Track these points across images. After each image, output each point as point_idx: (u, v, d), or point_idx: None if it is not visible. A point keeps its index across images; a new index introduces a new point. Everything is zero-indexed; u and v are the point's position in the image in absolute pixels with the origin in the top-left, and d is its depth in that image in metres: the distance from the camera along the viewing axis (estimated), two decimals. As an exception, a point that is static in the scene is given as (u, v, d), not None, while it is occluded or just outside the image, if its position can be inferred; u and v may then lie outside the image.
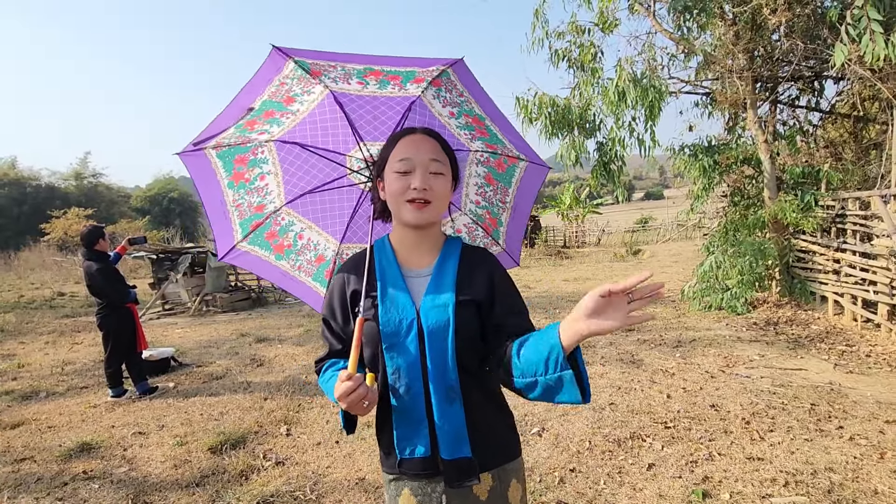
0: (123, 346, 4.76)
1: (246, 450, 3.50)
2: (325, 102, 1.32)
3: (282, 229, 1.55)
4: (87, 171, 35.92)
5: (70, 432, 3.99)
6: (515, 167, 1.45)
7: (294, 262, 1.58)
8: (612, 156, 7.41)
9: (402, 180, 1.13)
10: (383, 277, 1.17)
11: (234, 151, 1.44)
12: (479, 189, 1.53)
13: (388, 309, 1.13)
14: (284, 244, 1.56)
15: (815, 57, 6.89)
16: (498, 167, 1.47)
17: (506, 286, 1.20)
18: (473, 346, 1.14)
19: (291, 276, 1.59)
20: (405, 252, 1.22)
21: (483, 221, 1.58)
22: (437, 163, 1.15)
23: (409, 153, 1.13)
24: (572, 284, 10.96)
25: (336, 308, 1.23)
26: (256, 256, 1.56)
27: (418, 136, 1.17)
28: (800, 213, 6.39)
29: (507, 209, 1.55)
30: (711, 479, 2.75)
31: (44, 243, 24.47)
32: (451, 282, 1.15)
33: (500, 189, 1.50)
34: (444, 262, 1.19)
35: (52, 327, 8.79)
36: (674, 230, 22.78)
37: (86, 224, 5.65)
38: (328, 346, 1.25)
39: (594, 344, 5.72)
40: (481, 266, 1.20)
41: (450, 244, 1.23)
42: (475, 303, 1.14)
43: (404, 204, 1.13)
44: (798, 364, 4.63)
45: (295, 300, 11.04)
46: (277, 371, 5.43)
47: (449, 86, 1.16)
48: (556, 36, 8.01)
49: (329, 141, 1.42)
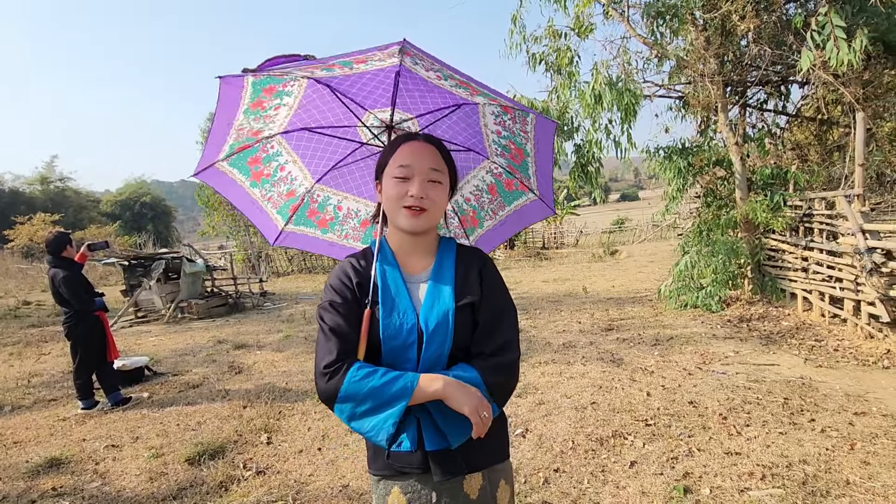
0: (93, 355, 4.59)
1: (225, 460, 3.42)
2: (309, 91, 1.33)
3: (320, 205, 1.66)
4: (53, 176, 34.75)
5: (38, 447, 3.83)
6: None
7: (340, 232, 1.70)
8: (590, 158, 7.53)
9: (400, 186, 1.15)
10: (384, 280, 1.18)
11: (244, 155, 1.50)
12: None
13: (388, 312, 1.14)
14: (327, 218, 1.68)
15: (782, 62, 7.13)
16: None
17: (494, 283, 1.23)
18: (464, 347, 1.17)
19: (341, 245, 1.71)
20: (403, 256, 1.23)
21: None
22: (437, 172, 1.17)
23: (409, 160, 1.15)
24: (552, 285, 11.06)
25: (344, 292, 1.17)
26: (303, 234, 1.69)
27: (419, 143, 1.18)
28: (770, 212, 6.59)
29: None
30: (692, 475, 2.81)
31: (7, 250, 23.52)
32: (450, 287, 1.18)
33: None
34: (441, 266, 1.21)
35: (17, 338, 8.43)
36: (649, 231, 23.24)
37: (51, 230, 5.42)
38: (340, 338, 1.10)
39: (575, 344, 5.79)
40: (475, 264, 1.24)
41: (444, 246, 1.26)
42: (471, 305, 1.17)
43: (401, 210, 1.15)
44: (771, 359, 4.77)
45: (274, 305, 10.86)
46: (256, 378, 5.32)
47: (417, 57, 1.15)
48: (533, 40, 8.11)
49: (331, 119, 1.44)
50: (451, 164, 1.23)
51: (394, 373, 1.07)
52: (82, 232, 24.46)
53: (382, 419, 1.04)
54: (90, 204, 36.93)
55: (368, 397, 1.04)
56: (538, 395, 4.19)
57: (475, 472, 1.16)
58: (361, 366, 1.07)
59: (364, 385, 1.04)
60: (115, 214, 36.44)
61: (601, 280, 11.26)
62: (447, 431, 1.10)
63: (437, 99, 1.38)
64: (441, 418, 1.10)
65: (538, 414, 3.80)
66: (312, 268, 19.22)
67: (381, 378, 1.05)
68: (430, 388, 1.05)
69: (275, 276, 18.02)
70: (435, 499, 1.14)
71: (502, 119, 1.49)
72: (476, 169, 1.60)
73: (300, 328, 7.96)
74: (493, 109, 1.47)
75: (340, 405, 1.06)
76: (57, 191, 34.33)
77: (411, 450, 1.11)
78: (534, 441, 3.37)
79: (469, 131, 1.51)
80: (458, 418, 1.09)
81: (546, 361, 5.15)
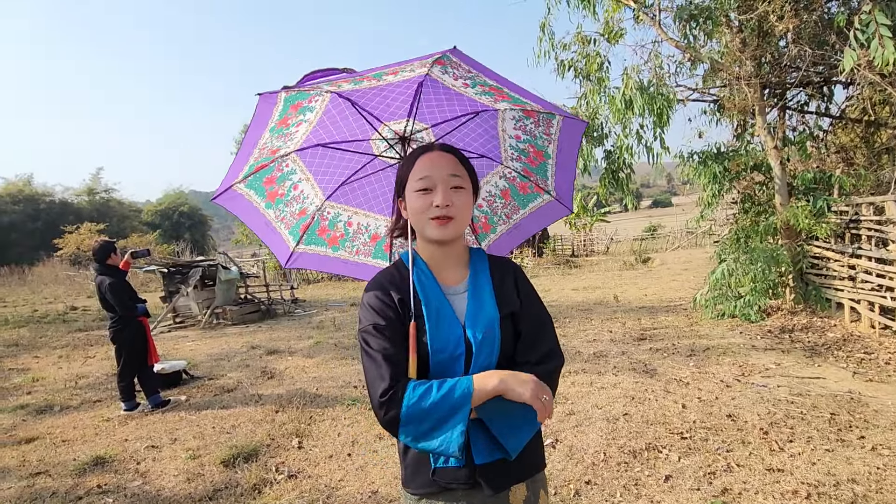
0: (136, 359, 4.79)
1: (258, 463, 3.49)
2: (330, 105, 1.36)
3: (330, 222, 1.66)
4: (99, 187, 36.54)
5: (84, 446, 4.01)
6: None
7: (351, 248, 1.69)
8: (620, 164, 7.40)
9: (423, 198, 1.14)
10: (426, 293, 1.16)
11: (260, 175, 1.52)
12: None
13: (435, 324, 1.12)
14: (337, 235, 1.67)
15: (824, 62, 6.85)
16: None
17: (528, 290, 1.25)
18: (509, 356, 1.17)
19: (353, 262, 1.70)
20: (437, 268, 1.22)
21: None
22: (457, 177, 1.16)
23: (428, 171, 1.14)
24: (582, 293, 10.89)
25: (386, 314, 1.14)
26: (315, 254, 1.68)
27: (436, 152, 1.18)
28: (812, 218, 6.32)
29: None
30: (731, 491, 2.70)
31: (57, 258, 24.84)
32: (491, 297, 1.18)
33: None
34: (477, 276, 1.21)
35: (65, 341, 8.88)
36: (683, 238, 22.61)
37: (98, 239, 5.71)
38: (389, 363, 1.07)
39: (606, 353, 5.67)
40: (509, 275, 1.25)
41: (477, 257, 1.26)
42: (513, 314, 1.18)
43: (428, 222, 1.14)
44: (816, 372, 4.55)
45: (305, 312, 11.07)
46: (288, 383, 5.43)
47: (453, 65, 1.16)
48: (562, 47, 8.07)
49: (346, 133, 1.46)
50: (470, 169, 1.23)
51: (449, 382, 1.04)
52: (125, 240, 25.65)
53: (450, 431, 1.00)
54: (132, 214, 38.62)
55: (430, 414, 1.01)
56: (568, 406, 4.11)
57: (520, 483, 1.16)
58: (416, 385, 1.04)
59: (424, 404, 1.01)
60: (155, 224, 38.02)
61: (633, 288, 11.01)
62: (505, 440, 1.07)
63: (455, 108, 1.38)
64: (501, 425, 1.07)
65: (568, 424, 3.74)
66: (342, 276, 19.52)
67: (438, 392, 1.02)
68: (487, 385, 1.02)
69: (305, 283, 18.40)
70: None
71: (524, 123, 1.48)
72: (489, 174, 1.59)
73: (330, 335, 8.08)
74: (514, 114, 1.47)
75: (405, 429, 1.02)
76: (102, 201, 36.08)
77: (460, 465, 1.08)
78: (564, 452, 3.31)
79: (484, 137, 1.51)
80: (516, 423, 1.08)
81: (576, 371, 5.06)
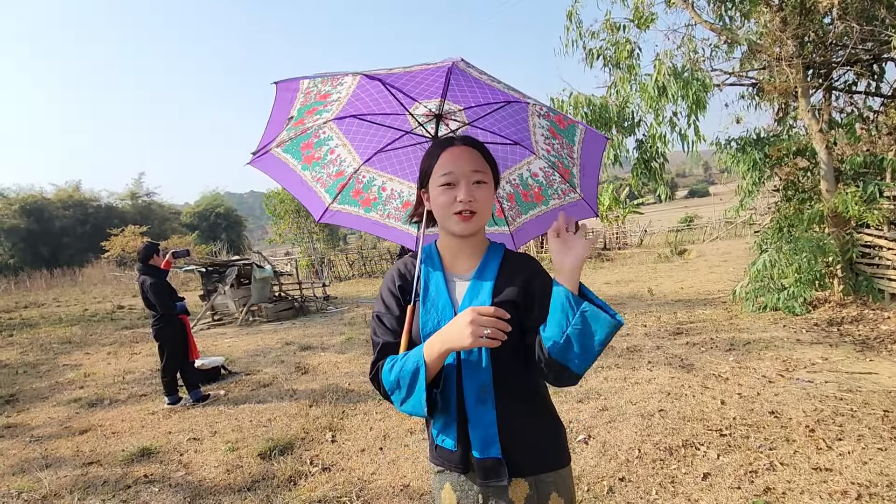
0: (177, 355, 4.99)
1: (293, 456, 3.58)
2: (361, 85, 1.37)
3: (365, 185, 1.72)
4: (141, 191, 38.23)
5: (132, 438, 4.21)
6: (576, 128, 1.42)
7: (382, 212, 1.76)
8: (653, 153, 7.18)
9: (447, 193, 1.17)
10: (427, 280, 1.23)
11: (297, 142, 1.58)
12: (547, 140, 1.51)
13: (428, 310, 1.19)
14: (370, 198, 1.74)
15: (873, 38, 6.44)
16: (559, 123, 1.45)
17: (547, 289, 1.16)
18: (510, 347, 1.13)
19: (383, 224, 1.78)
20: (450, 257, 1.26)
21: (558, 169, 1.60)
22: (480, 173, 1.18)
23: (451, 166, 1.17)
24: (614, 287, 10.66)
25: (390, 303, 1.25)
26: (348, 213, 1.76)
27: (458, 147, 1.20)
28: (863, 205, 5.96)
29: (575, 164, 1.52)
30: (774, 491, 2.59)
31: (104, 259, 26.17)
32: (490, 284, 1.19)
33: (566, 145, 1.48)
34: (486, 266, 1.23)
35: (113, 338, 9.34)
36: (721, 228, 21.78)
37: (141, 241, 5.97)
38: (380, 343, 1.22)
39: (640, 348, 5.53)
40: (522, 272, 1.22)
41: (492, 250, 1.27)
42: (512, 303, 1.15)
43: (451, 216, 1.17)
44: (867, 367, 4.30)
45: (336, 309, 11.28)
46: (321, 378, 5.54)
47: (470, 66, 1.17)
48: (590, 36, 7.85)
49: (384, 107, 1.48)
50: (492, 163, 1.24)
51: (406, 354, 1.13)
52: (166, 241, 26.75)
53: (416, 396, 1.09)
54: (172, 216, 40.25)
55: (400, 384, 1.11)
56: (601, 401, 4.03)
57: (519, 478, 1.16)
58: (391, 359, 1.15)
59: (393, 374, 1.12)
60: (193, 225, 39.51)
61: (668, 281, 10.70)
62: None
63: (487, 94, 1.38)
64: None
65: (601, 420, 3.67)
66: (372, 272, 19.78)
67: (400, 362, 1.12)
68: (433, 350, 1.07)
69: (337, 280, 18.72)
70: (482, 500, 1.17)
71: (551, 142, 1.49)
72: (522, 162, 1.60)
73: (361, 331, 8.20)
74: (543, 132, 1.47)
75: (393, 397, 1.14)
76: (144, 205, 37.74)
77: (453, 449, 1.17)
78: (597, 448, 3.25)
79: (516, 126, 1.50)
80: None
81: (609, 366, 4.96)
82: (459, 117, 1.51)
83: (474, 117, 1.51)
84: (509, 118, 1.48)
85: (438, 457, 1.21)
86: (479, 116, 1.49)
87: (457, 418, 1.15)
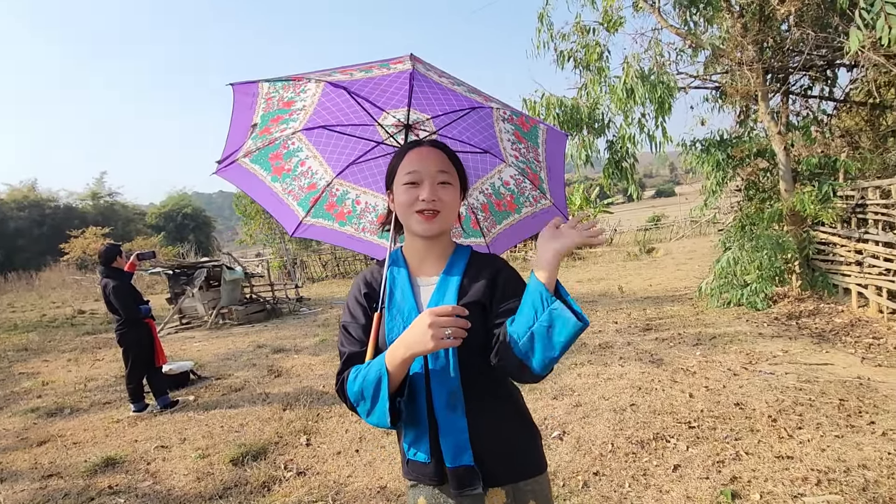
0: (143, 361, 4.81)
1: (267, 461, 3.51)
2: (325, 92, 1.35)
3: (339, 199, 1.69)
4: (103, 191, 36.68)
5: (95, 447, 4.04)
6: (538, 128, 1.42)
7: (357, 226, 1.73)
8: (624, 153, 7.35)
9: (410, 192, 1.15)
10: (392, 285, 1.21)
11: (266, 152, 1.53)
12: (514, 145, 1.50)
13: (393, 316, 1.16)
14: (345, 211, 1.71)
15: (827, 45, 6.77)
16: (522, 125, 1.45)
17: (512, 286, 1.17)
18: (477, 348, 1.12)
19: (358, 238, 1.75)
20: (417, 262, 1.24)
21: (527, 175, 1.58)
22: (445, 174, 1.17)
23: (416, 165, 1.16)
24: (586, 285, 10.86)
25: (356, 312, 1.22)
26: (322, 227, 1.74)
27: (425, 148, 1.19)
28: (818, 204, 6.26)
29: (542, 167, 1.51)
30: (740, 479, 2.69)
31: (63, 263, 25.01)
32: (455, 287, 1.16)
33: (531, 148, 1.47)
34: (451, 269, 1.20)
35: (74, 345, 8.94)
36: (687, 227, 22.48)
37: (103, 242, 5.73)
38: (346, 353, 1.18)
39: (612, 344, 5.65)
40: (486, 270, 1.20)
41: (458, 253, 1.25)
42: (478, 304, 1.14)
43: (413, 215, 1.15)
44: (824, 359, 4.52)
45: (310, 310, 11.11)
46: (295, 381, 5.45)
47: (426, 66, 1.15)
48: (560, 37, 7.99)
49: (352, 117, 1.46)
50: (459, 166, 1.22)
51: (369, 363, 1.08)
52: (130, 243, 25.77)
53: (380, 406, 1.05)
54: (137, 217, 38.76)
55: (364, 394, 1.06)
56: (575, 397, 4.11)
57: (495, 487, 1.14)
58: (355, 369, 1.10)
59: (356, 384, 1.07)
60: (159, 226, 38.13)
61: (637, 279, 10.97)
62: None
63: (451, 101, 1.37)
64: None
65: (575, 416, 3.73)
66: (346, 273, 19.56)
67: (364, 372, 1.07)
68: (395, 357, 1.03)
69: (310, 281, 18.44)
70: None
71: (518, 147, 1.49)
72: (493, 171, 1.58)
73: (335, 332, 8.10)
74: (509, 137, 1.47)
75: (359, 409, 1.09)
76: (106, 205, 36.21)
77: (426, 461, 1.13)
78: (571, 444, 3.31)
79: (484, 134, 1.50)
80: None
81: (582, 363, 5.05)
82: (428, 126, 1.50)
83: (442, 125, 1.50)
84: (476, 125, 1.47)
85: (411, 471, 1.18)
86: (446, 124, 1.48)
87: (428, 430, 1.12)
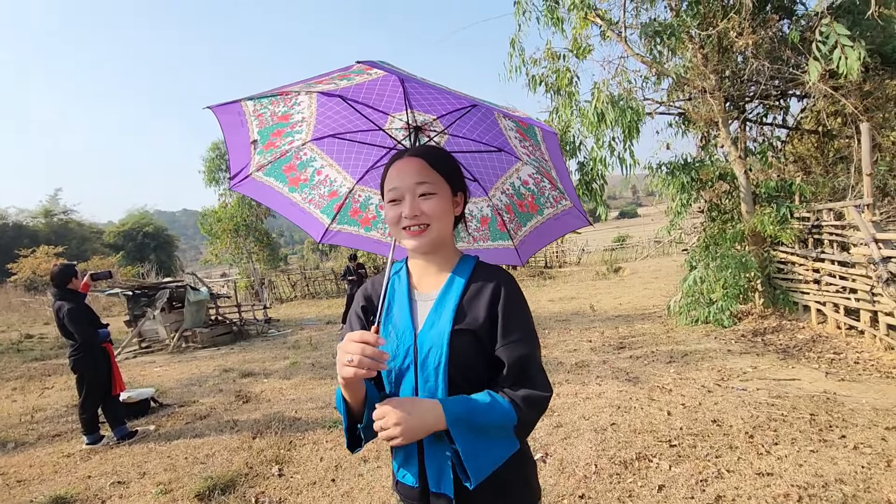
0: (99, 388, 4.49)
1: (236, 494, 3.30)
2: (322, 102, 1.31)
3: (362, 205, 1.69)
4: (57, 208, 34.98)
5: (42, 485, 3.71)
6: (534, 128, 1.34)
7: (383, 230, 1.74)
8: (594, 175, 7.54)
9: (393, 209, 1.13)
10: (391, 300, 1.18)
11: (279, 164, 1.52)
12: (521, 143, 1.43)
13: (388, 333, 1.14)
14: (369, 217, 1.72)
15: (780, 76, 7.21)
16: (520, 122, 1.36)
17: (509, 309, 1.11)
18: (471, 376, 1.09)
19: (385, 243, 1.76)
20: (417, 276, 1.21)
21: (543, 174, 1.50)
22: (425, 184, 1.11)
23: (395, 182, 1.13)
24: (559, 304, 10.97)
25: (354, 326, 1.20)
26: (349, 233, 1.76)
27: (403, 161, 1.15)
28: (777, 225, 6.56)
29: (551, 166, 1.42)
30: (724, 498, 2.69)
31: (10, 284, 23.50)
32: (452, 308, 1.10)
33: (535, 146, 1.40)
34: (450, 286, 1.15)
35: (19, 372, 8.31)
36: (651, 247, 23.19)
37: (56, 262, 5.38)
38: None
39: (588, 363, 5.68)
40: (487, 290, 1.13)
41: (461, 265, 1.18)
42: (472, 332, 1.09)
43: (401, 232, 1.13)
44: (790, 374, 4.66)
45: (279, 332, 10.75)
46: (265, 407, 5.21)
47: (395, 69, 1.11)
48: (532, 63, 8.23)
49: (359, 124, 1.43)
50: (446, 169, 1.16)
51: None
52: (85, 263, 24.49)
53: (345, 431, 1.13)
54: (93, 235, 37.01)
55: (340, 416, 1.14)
56: (555, 418, 4.07)
57: None
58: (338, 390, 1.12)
59: (337, 403, 1.15)
60: (118, 245, 36.46)
61: (607, 298, 11.17)
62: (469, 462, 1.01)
63: (449, 100, 1.31)
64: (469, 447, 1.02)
65: (557, 437, 3.69)
66: (316, 293, 19.15)
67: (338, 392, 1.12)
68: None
69: (278, 302, 17.94)
70: None
71: (525, 145, 1.42)
72: (511, 169, 1.52)
73: (307, 354, 7.84)
74: (514, 135, 1.40)
75: None
76: (60, 223, 34.48)
77: (414, 485, 1.11)
78: (555, 466, 3.26)
79: (493, 131, 1.44)
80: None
81: (560, 382, 5.04)
82: (437, 126, 1.45)
83: (449, 123, 1.43)
84: (482, 123, 1.41)
85: (400, 492, 1.17)
86: (451, 123, 1.42)
87: (416, 453, 1.09)
